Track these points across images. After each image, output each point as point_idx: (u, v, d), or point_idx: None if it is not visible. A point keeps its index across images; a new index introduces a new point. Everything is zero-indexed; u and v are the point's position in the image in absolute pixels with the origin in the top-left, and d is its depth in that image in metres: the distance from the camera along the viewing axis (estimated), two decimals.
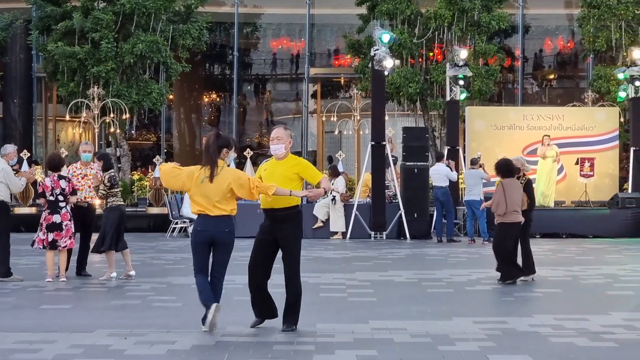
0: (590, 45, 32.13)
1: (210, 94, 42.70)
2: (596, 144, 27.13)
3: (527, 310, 11.12)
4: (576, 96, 35.08)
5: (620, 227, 24.43)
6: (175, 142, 40.93)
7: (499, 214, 13.81)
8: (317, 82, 40.23)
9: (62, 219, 13.75)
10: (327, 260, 18.02)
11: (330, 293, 12.70)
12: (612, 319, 10.29)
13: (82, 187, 14.63)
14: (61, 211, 13.77)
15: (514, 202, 13.73)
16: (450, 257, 18.63)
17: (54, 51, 29.97)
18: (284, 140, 9.52)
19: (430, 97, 32.52)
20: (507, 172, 13.93)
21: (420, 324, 9.92)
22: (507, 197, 13.70)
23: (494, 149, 26.16)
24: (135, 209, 28.14)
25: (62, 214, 13.76)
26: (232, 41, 39.23)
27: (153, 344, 8.68)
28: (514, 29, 37.64)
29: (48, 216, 13.74)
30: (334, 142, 38.27)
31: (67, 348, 8.46)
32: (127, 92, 30.43)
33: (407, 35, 31.60)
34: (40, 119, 38.34)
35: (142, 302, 11.77)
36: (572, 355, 8.24)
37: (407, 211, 23.72)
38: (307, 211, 24.26)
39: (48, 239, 13.69)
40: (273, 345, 8.73)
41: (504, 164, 14.05)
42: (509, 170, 13.94)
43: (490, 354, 8.28)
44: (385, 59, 23.87)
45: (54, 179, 13.83)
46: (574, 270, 15.73)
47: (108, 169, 14.22)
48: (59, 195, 13.74)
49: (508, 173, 13.92)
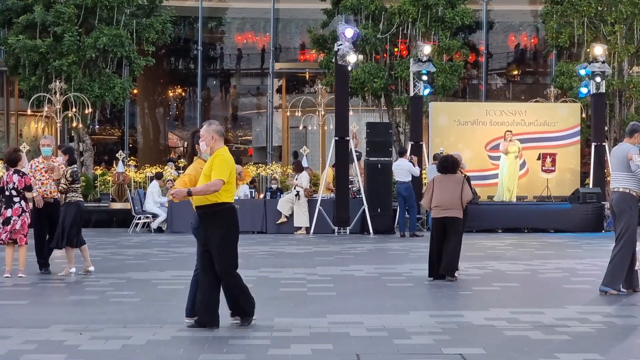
0: (554, 42, 32.40)
1: (175, 88, 42.59)
2: (558, 140, 27.34)
3: (484, 304, 11.17)
4: (540, 92, 35.37)
5: (581, 221, 24.63)
6: (140, 137, 40.76)
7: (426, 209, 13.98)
8: (282, 77, 40.24)
9: (13, 214, 13.65)
10: (289, 255, 18.03)
11: (290, 288, 12.71)
12: (567, 312, 10.38)
13: (46, 182, 14.44)
14: (14, 206, 13.68)
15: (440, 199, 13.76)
16: (411, 251, 18.70)
17: (15, 45, 29.74)
18: (205, 138, 9.43)
19: (395, 93, 32.61)
20: (443, 168, 14.01)
21: (377, 318, 9.94)
22: (434, 193, 13.82)
23: (457, 144, 26.31)
24: (98, 204, 28.05)
25: (13, 208, 13.66)
26: (197, 35, 39.15)
27: (108, 339, 8.64)
28: (478, 25, 37.85)
29: (4, 211, 13.72)
30: (299, 137, 38.29)
31: (20, 344, 8.41)
32: (90, 87, 30.28)
33: (371, 30, 31.67)
34: (1, 114, 38.04)
35: (100, 297, 11.71)
36: (525, 348, 8.30)
37: (370, 206, 23.78)
38: (272, 207, 24.30)
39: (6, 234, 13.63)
40: (229, 340, 8.72)
41: (440, 160, 14.20)
42: (443, 166, 14.01)
43: (444, 347, 8.33)
44: (348, 54, 23.89)
45: (9, 173, 13.78)
46: (533, 265, 15.84)
47: (72, 163, 14.14)
48: (12, 189, 13.66)
49: (443, 169, 13.99)
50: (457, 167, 14.06)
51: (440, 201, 13.70)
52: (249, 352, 8.12)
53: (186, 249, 18.03)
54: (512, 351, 8.19)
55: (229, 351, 8.19)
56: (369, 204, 23.79)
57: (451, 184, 13.77)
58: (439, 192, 13.73)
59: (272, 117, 39.05)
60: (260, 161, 37.09)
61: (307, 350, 8.17)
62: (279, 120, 39.88)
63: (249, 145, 42.30)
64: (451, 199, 13.67)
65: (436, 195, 13.75)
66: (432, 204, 13.80)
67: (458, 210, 13.71)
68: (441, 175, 13.93)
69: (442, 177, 13.90)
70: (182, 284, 12.48)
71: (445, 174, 13.89)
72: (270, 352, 8.11)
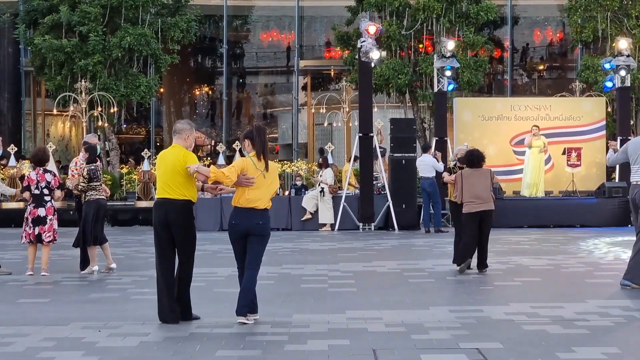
0: (578, 36, 32.19)
1: (201, 87, 42.69)
2: (583, 134, 27.16)
3: (504, 299, 11.14)
4: (565, 87, 35.11)
5: (607, 216, 24.47)
6: (166, 136, 40.90)
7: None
8: (307, 74, 40.21)
9: (47, 213, 13.74)
10: (312, 252, 18.04)
11: (311, 284, 12.72)
12: (588, 307, 10.33)
13: None
14: (46, 205, 13.75)
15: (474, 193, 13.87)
16: (435, 247, 18.65)
17: (41, 45, 29.88)
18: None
19: (419, 89, 32.53)
20: (469, 162, 14.10)
21: (396, 314, 9.94)
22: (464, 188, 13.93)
23: (481, 139, 26.21)
24: (124, 203, 28.16)
25: (46, 207, 13.75)
26: (222, 34, 39.21)
27: (126, 336, 8.70)
28: (503, 20, 37.66)
29: (33, 210, 13.74)
30: (325, 134, 38.28)
31: (39, 341, 8.47)
32: (115, 86, 30.41)
33: (395, 27, 31.61)
34: (28, 114, 38.28)
35: (121, 294, 11.78)
36: (543, 342, 8.27)
37: (395, 202, 23.75)
38: (296, 203, 24.31)
39: (35, 233, 13.71)
40: (246, 336, 8.74)
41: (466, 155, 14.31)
42: (469, 160, 14.11)
43: (462, 341, 8.31)
44: (371, 51, 23.86)
45: (39, 172, 13.82)
46: (556, 259, 15.77)
47: (91, 162, 14.15)
48: (44, 188, 13.73)
49: (469, 163, 14.08)
50: (483, 160, 14.12)
51: (474, 195, 13.83)
52: (265, 348, 8.14)
53: (210, 247, 18.11)
54: (529, 345, 8.17)
55: (245, 347, 8.22)
56: (393, 200, 23.76)
57: (481, 177, 13.94)
58: (470, 187, 13.86)
59: (297, 114, 39.09)
60: (286, 158, 37.11)
61: (323, 346, 8.18)
62: (305, 118, 39.88)
63: (275, 142, 42.32)
64: (484, 192, 13.79)
65: (467, 189, 13.85)
66: (465, 198, 13.89)
67: (492, 203, 13.95)
68: (469, 170, 14.03)
69: (470, 172, 14.01)
70: (203, 282, 12.54)
71: (472, 168, 13.97)
72: (287, 348, 8.14)
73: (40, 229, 13.70)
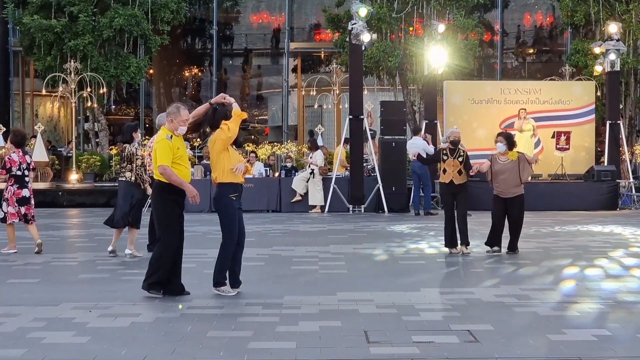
0: (569, 20, 32.18)
1: (191, 68, 42.56)
2: (572, 118, 27.21)
3: (495, 281, 11.16)
4: (555, 70, 35.14)
5: (595, 200, 24.55)
6: (155, 117, 40.76)
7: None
8: (298, 56, 40.16)
9: (30, 193, 14.08)
10: (302, 233, 18.01)
11: (302, 266, 12.71)
12: (577, 289, 10.36)
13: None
14: (28, 185, 14.07)
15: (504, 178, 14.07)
16: (425, 229, 18.67)
17: (30, 24, 29.74)
18: None
19: (410, 72, 32.50)
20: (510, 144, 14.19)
21: (387, 295, 9.95)
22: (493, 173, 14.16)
23: (471, 122, 26.26)
24: (113, 184, 28.08)
25: (29, 188, 14.09)
26: (212, 15, 39.08)
27: (117, 317, 8.68)
28: (494, 3, 37.62)
29: (17, 190, 13.89)
30: (315, 116, 38.26)
31: (29, 321, 8.45)
32: (105, 66, 30.28)
33: (386, 9, 31.54)
34: (17, 94, 38.13)
35: (112, 275, 11.75)
36: (533, 325, 8.29)
37: (385, 184, 23.76)
38: (286, 185, 24.29)
39: (21, 212, 13.86)
40: (237, 317, 8.74)
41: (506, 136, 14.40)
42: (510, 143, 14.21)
43: (452, 323, 8.33)
44: (362, 33, 23.81)
45: (19, 153, 13.94)
46: (546, 242, 15.81)
47: (125, 142, 13.58)
48: (25, 169, 13.93)
49: (510, 146, 14.16)
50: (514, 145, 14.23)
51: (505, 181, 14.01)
52: (256, 329, 8.14)
53: (199, 228, 18.06)
54: (520, 327, 8.19)
55: (237, 328, 8.21)
56: (383, 182, 23.78)
57: (509, 163, 14.08)
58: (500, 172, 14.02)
59: (287, 96, 39.05)
60: (276, 140, 37.08)
61: (315, 327, 8.19)
62: (295, 100, 39.85)
63: (265, 124, 42.30)
64: (515, 178, 14.03)
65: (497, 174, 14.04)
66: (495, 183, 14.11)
67: (521, 187, 14.15)
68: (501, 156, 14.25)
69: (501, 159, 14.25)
70: (194, 262, 12.54)
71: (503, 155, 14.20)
72: (278, 329, 8.13)
73: (26, 209, 13.99)
